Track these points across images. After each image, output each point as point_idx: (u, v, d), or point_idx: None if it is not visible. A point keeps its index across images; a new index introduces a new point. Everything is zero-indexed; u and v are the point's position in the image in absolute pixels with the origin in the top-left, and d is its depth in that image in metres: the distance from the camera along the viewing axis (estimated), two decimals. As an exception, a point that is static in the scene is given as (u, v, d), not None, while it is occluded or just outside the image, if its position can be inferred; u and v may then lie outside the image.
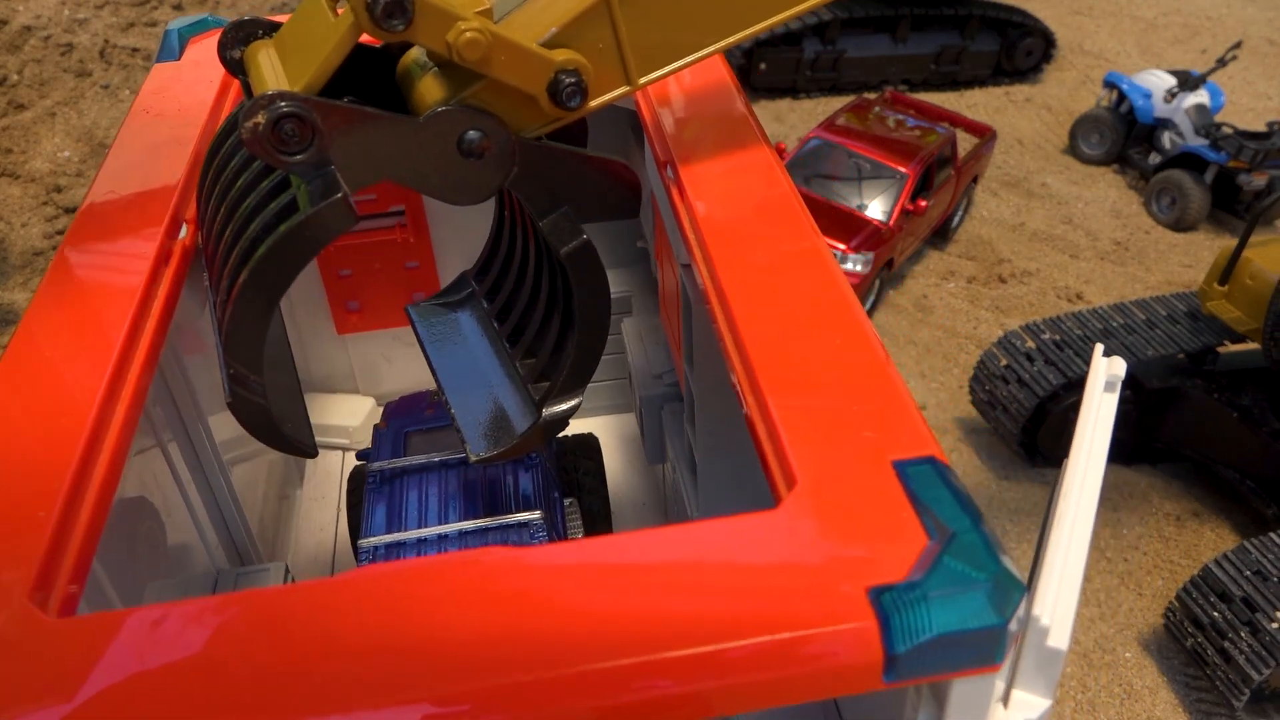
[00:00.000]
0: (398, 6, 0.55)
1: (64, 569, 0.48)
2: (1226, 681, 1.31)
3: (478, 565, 0.46)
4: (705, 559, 0.47)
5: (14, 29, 2.41)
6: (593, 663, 0.42)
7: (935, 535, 0.47)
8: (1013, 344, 1.73)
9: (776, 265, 0.65)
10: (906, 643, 0.43)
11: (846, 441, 0.52)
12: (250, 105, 0.55)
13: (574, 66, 0.63)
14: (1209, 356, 1.71)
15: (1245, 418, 1.60)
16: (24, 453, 0.52)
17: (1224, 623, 1.33)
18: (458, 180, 0.65)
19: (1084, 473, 0.53)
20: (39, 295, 0.64)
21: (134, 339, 0.60)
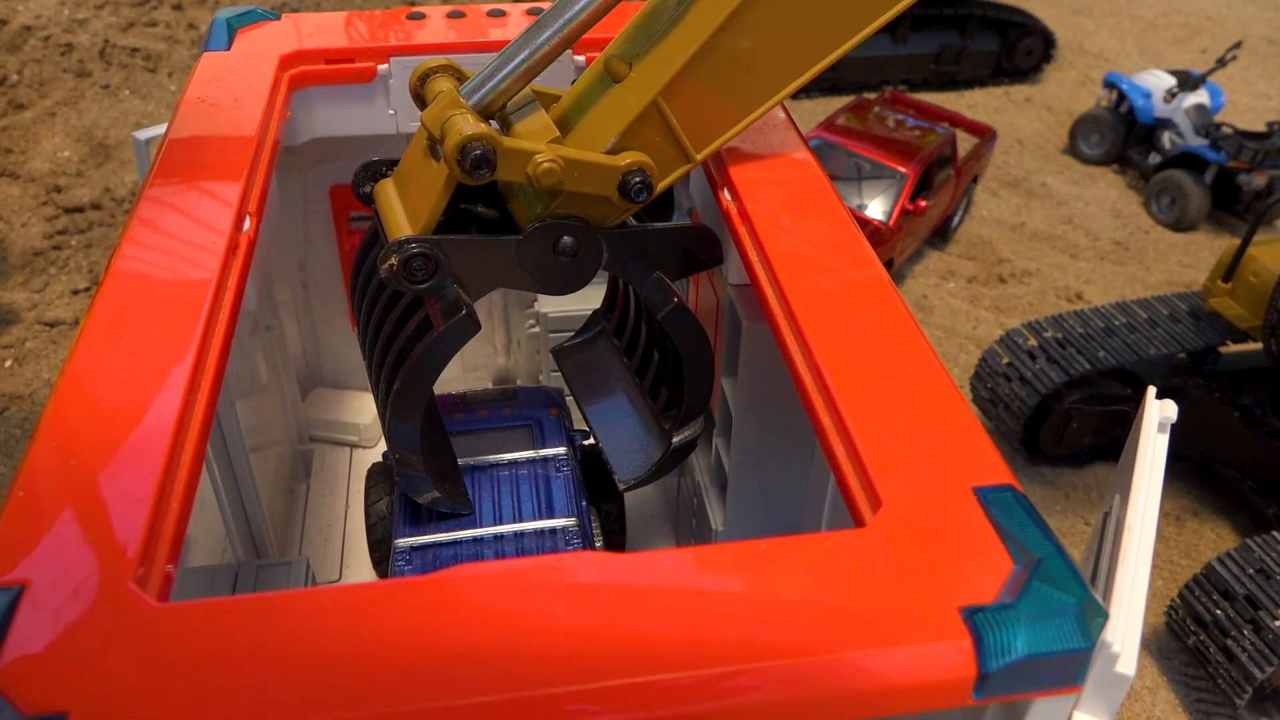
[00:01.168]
0: (483, 160, 0.65)
1: (161, 550, 0.48)
2: (1229, 680, 1.32)
3: (563, 569, 0.48)
4: (801, 572, 0.48)
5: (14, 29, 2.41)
6: (698, 669, 0.44)
7: (1020, 560, 0.49)
8: (1015, 341, 1.73)
9: (843, 291, 0.67)
10: (998, 661, 0.45)
11: (926, 467, 0.54)
12: (384, 250, 0.69)
13: (638, 166, 0.71)
14: (1210, 356, 1.71)
15: (1246, 417, 1.60)
16: (116, 437, 0.53)
17: (1226, 621, 1.33)
18: (558, 277, 0.76)
19: (1143, 511, 0.56)
20: (110, 277, 0.65)
21: (211, 328, 0.62)
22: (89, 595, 0.45)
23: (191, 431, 0.55)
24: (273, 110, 0.86)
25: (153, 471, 0.51)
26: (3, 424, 1.58)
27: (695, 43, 0.69)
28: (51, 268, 1.90)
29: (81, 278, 1.88)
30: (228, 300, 0.65)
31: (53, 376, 1.68)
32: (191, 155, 0.78)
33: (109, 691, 0.41)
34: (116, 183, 2.11)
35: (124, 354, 0.59)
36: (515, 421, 0.97)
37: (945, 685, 0.46)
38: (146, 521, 0.48)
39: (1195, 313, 1.76)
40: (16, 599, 0.44)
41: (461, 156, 0.65)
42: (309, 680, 0.42)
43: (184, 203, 0.72)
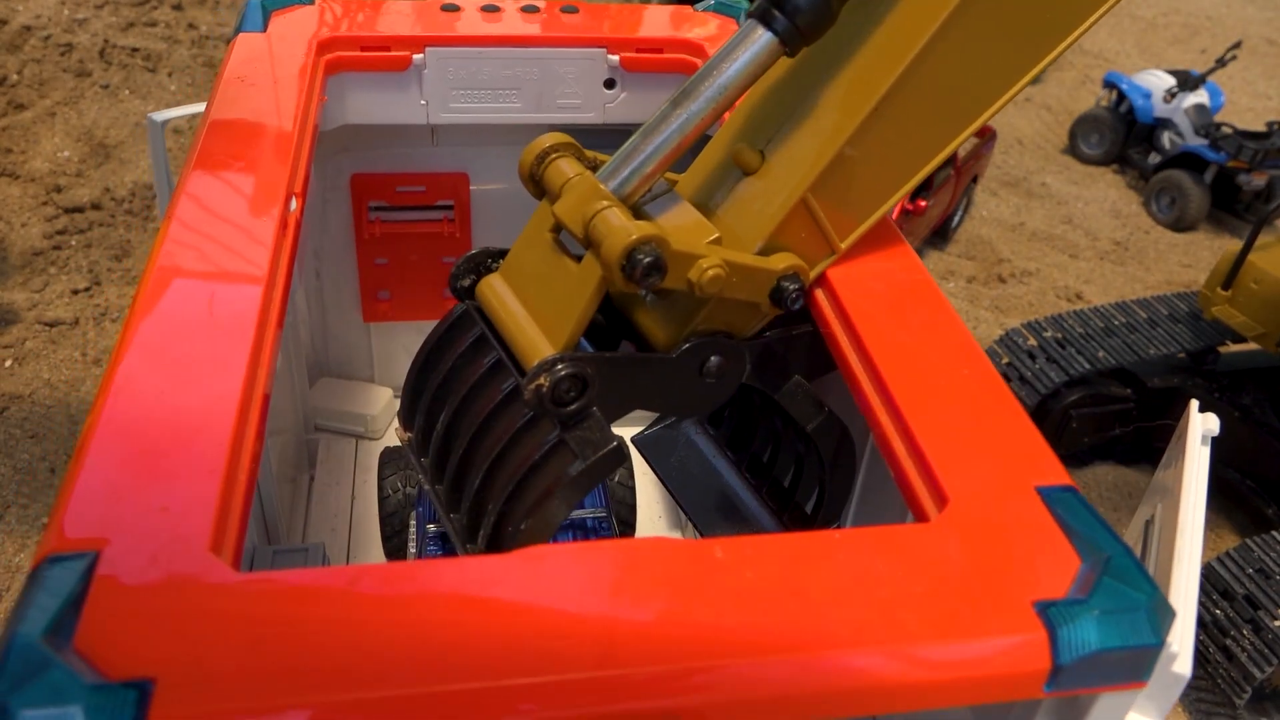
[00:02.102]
0: (655, 266, 0.56)
1: (234, 520, 0.48)
2: (1228, 679, 1.31)
3: (642, 552, 0.48)
4: (877, 561, 0.49)
5: (14, 29, 2.41)
6: (784, 655, 0.44)
7: (1088, 558, 0.50)
8: (1014, 341, 1.73)
9: (893, 294, 0.67)
10: (1071, 655, 0.46)
11: (988, 466, 0.55)
12: (534, 370, 0.59)
13: (794, 270, 0.64)
14: (1210, 356, 1.71)
15: (1246, 417, 1.60)
16: (183, 409, 0.53)
17: (1226, 620, 1.33)
18: (699, 398, 0.69)
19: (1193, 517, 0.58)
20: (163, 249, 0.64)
21: (268, 303, 0.61)
22: (167, 563, 0.44)
23: (255, 405, 0.55)
24: (311, 94, 0.86)
25: (221, 444, 0.51)
26: (3, 424, 1.58)
27: (844, 133, 0.62)
28: (51, 268, 1.90)
29: (81, 278, 1.88)
30: (280, 278, 0.65)
31: (53, 376, 1.68)
32: (235, 134, 0.78)
33: (195, 659, 0.41)
34: (116, 183, 2.11)
35: (184, 328, 0.58)
36: None
37: (1019, 677, 0.46)
38: (220, 492, 0.48)
39: (1195, 313, 1.76)
40: (93, 565, 0.44)
41: (628, 263, 0.56)
42: (392, 651, 0.42)
43: (232, 181, 0.72)
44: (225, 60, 0.90)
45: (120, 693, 0.39)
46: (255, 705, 0.40)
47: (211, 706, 0.40)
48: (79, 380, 1.68)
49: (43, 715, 0.38)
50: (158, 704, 0.39)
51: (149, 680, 0.40)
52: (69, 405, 1.63)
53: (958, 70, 0.63)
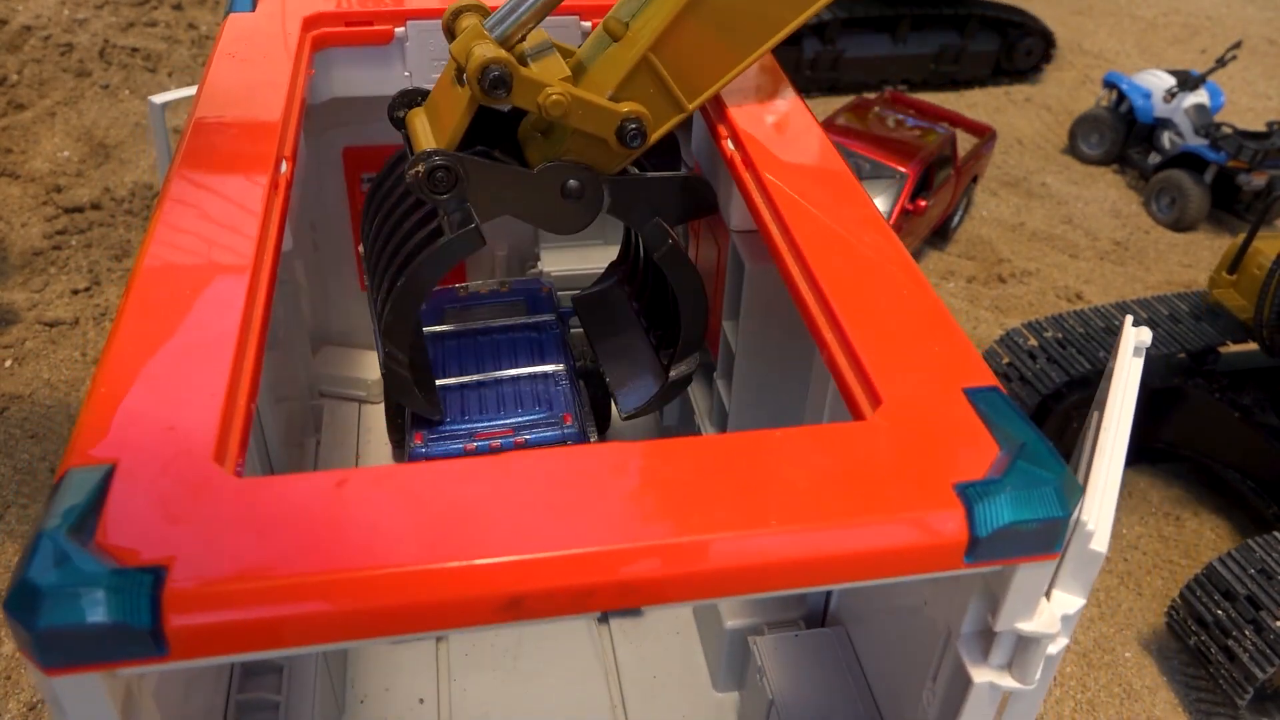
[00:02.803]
0: (500, 81, 0.73)
1: (234, 435, 0.55)
2: (1230, 680, 1.31)
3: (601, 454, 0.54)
4: (811, 454, 0.55)
5: (14, 29, 2.41)
6: (721, 531, 0.50)
7: (1006, 446, 0.55)
8: (1015, 342, 1.73)
9: (840, 225, 0.75)
10: (987, 527, 0.52)
11: (921, 372, 0.61)
12: (414, 158, 0.77)
13: (635, 115, 0.80)
14: (1210, 356, 1.71)
15: (1246, 417, 1.60)
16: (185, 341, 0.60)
17: (1228, 621, 1.33)
18: (564, 216, 0.84)
19: (1119, 417, 0.63)
20: (162, 214, 0.71)
21: (261, 251, 0.68)
22: (175, 472, 0.51)
23: (253, 335, 0.62)
24: (299, 67, 0.92)
25: (222, 371, 0.57)
26: (3, 424, 1.58)
27: (680, 3, 0.77)
28: (51, 268, 1.90)
29: (81, 278, 1.88)
30: (273, 230, 0.71)
31: (53, 376, 1.68)
32: (228, 107, 0.84)
33: (202, 548, 0.47)
34: (116, 183, 2.11)
35: (184, 275, 0.65)
36: (511, 298, 1.11)
37: (941, 549, 0.52)
38: (221, 411, 0.55)
39: (1195, 313, 1.76)
40: (110, 475, 0.50)
41: (482, 76, 0.72)
42: (375, 540, 0.48)
43: (226, 146, 0.79)
44: (216, 41, 0.94)
45: (138, 576, 0.45)
46: (257, 585, 0.46)
47: (218, 587, 0.45)
48: (79, 380, 1.68)
49: (69, 597, 0.44)
50: (171, 584, 0.45)
51: (163, 566, 0.45)
52: (69, 405, 1.63)
53: None
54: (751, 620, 0.95)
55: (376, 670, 1.03)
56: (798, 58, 2.81)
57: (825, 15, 2.76)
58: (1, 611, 0.44)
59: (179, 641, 0.45)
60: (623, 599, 0.49)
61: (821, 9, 0.84)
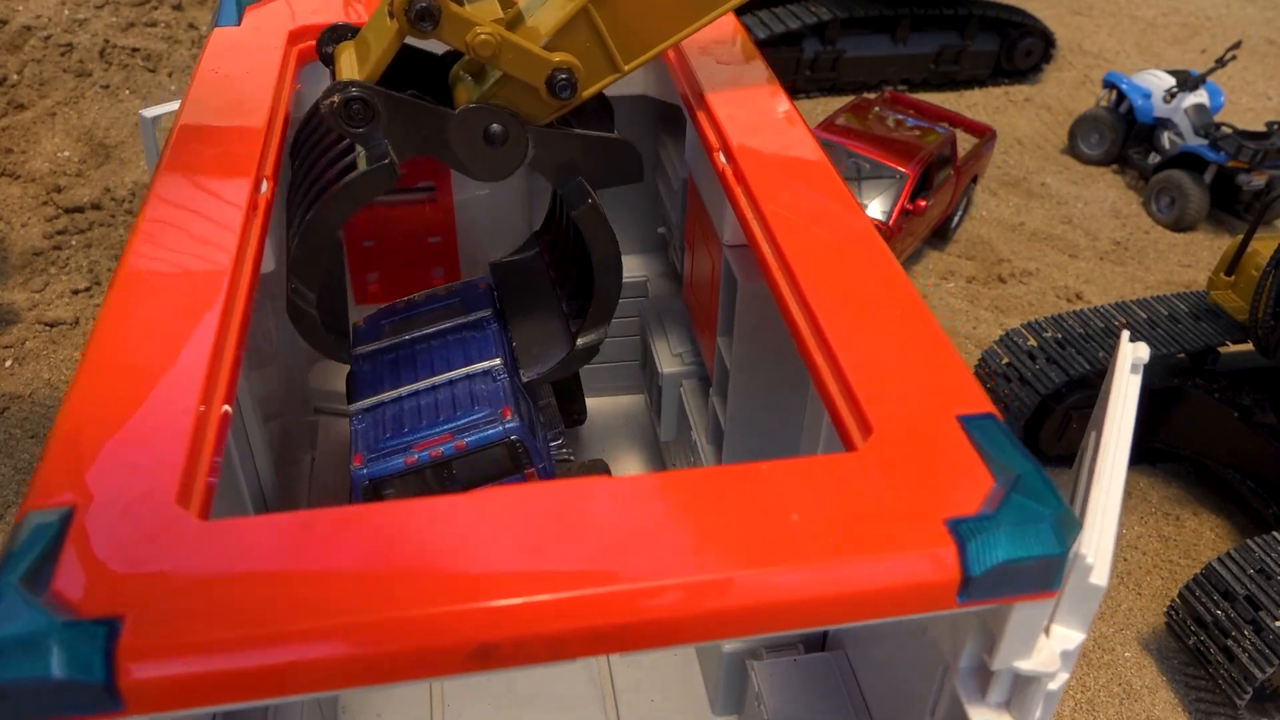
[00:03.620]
0: (427, 13, 0.72)
1: (200, 475, 0.53)
2: (1229, 680, 1.31)
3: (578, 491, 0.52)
4: (798, 488, 0.53)
5: (14, 29, 2.41)
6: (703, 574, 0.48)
7: (1001, 478, 0.53)
8: (1014, 342, 1.73)
9: (834, 242, 0.73)
10: (980, 566, 0.49)
11: (914, 398, 0.59)
12: (329, 88, 0.75)
13: (567, 65, 0.78)
14: (1209, 357, 1.71)
15: (1246, 418, 1.60)
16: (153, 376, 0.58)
17: (1227, 621, 1.33)
18: (485, 161, 0.82)
19: (1117, 440, 0.60)
20: (140, 232, 0.69)
21: (237, 279, 0.66)
22: (136, 514, 0.49)
23: (224, 370, 0.60)
24: (283, 82, 0.90)
25: (189, 408, 0.55)
26: (3, 424, 1.58)
27: None
28: (51, 268, 1.90)
29: (81, 278, 1.88)
30: (250, 255, 0.70)
31: (53, 376, 1.68)
32: (209, 122, 0.82)
33: (159, 597, 0.45)
34: (116, 183, 2.11)
35: (157, 302, 0.63)
36: (449, 300, 1.08)
37: (933, 588, 0.50)
38: (186, 449, 0.53)
39: (1195, 313, 1.76)
40: (68, 518, 0.48)
41: (409, 7, 0.71)
42: (339, 588, 0.46)
43: (205, 165, 0.77)
44: (200, 56, 0.93)
45: (91, 628, 0.43)
46: (216, 636, 0.44)
47: (175, 639, 0.44)
48: (79, 380, 1.68)
49: (20, 650, 0.42)
50: (125, 638, 0.43)
51: (118, 618, 0.44)
52: (69, 405, 1.63)
53: None
54: (750, 643, 0.93)
55: (369, 698, 1.02)
56: (798, 58, 2.81)
57: (825, 15, 2.76)
58: None
59: (134, 696, 0.43)
60: (598, 646, 0.47)
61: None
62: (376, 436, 0.93)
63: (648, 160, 1.25)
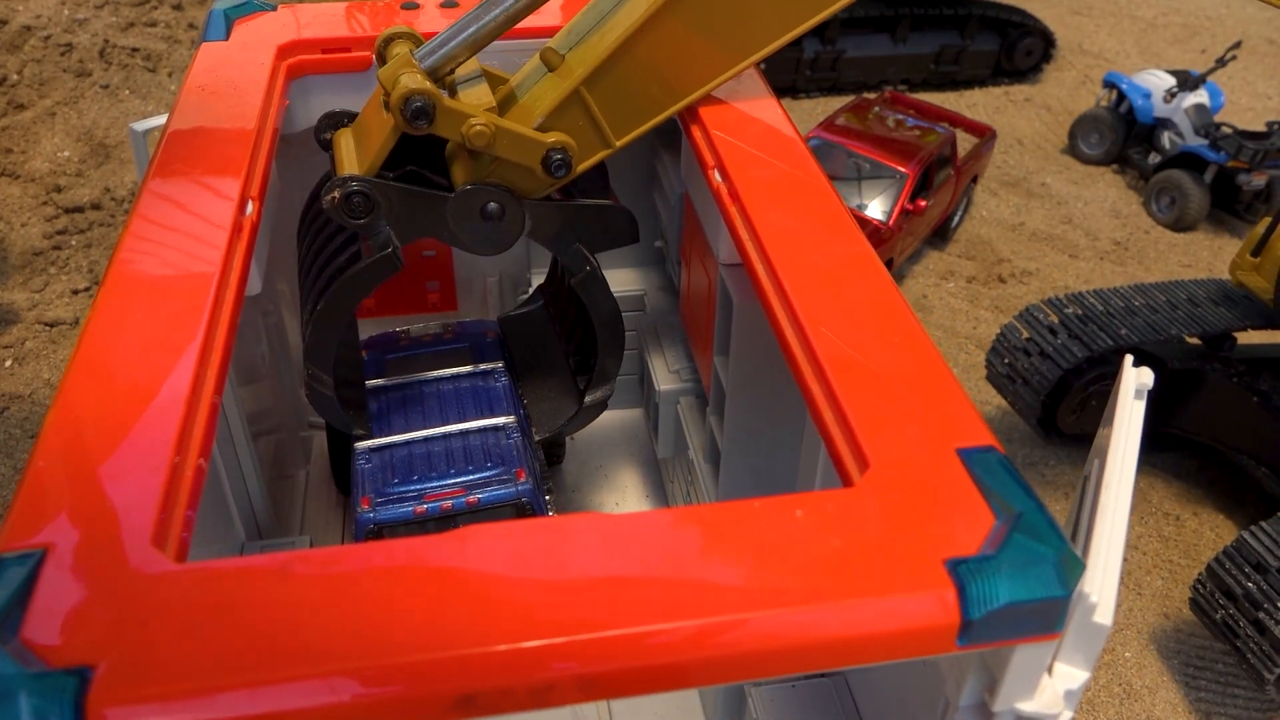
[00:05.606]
0: (422, 111, 0.73)
1: (177, 516, 0.51)
2: (1259, 653, 1.30)
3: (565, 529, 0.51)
4: (791, 527, 0.51)
5: (14, 29, 2.41)
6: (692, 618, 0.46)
7: (1002, 516, 0.51)
8: (1035, 317, 1.71)
9: (830, 266, 0.70)
10: (981, 609, 0.48)
11: (912, 430, 0.57)
12: (330, 184, 0.78)
13: (561, 145, 0.79)
14: (1227, 342, 1.71)
15: (1264, 403, 1.60)
16: (131, 411, 0.56)
17: (1259, 594, 1.31)
18: (483, 238, 0.84)
19: (1120, 471, 0.58)
20: (119, 258, 0.67)
21: (219, 305, 0.65)
22: (110, 557, 0.47)
23: (204, 403, 0.58)
24: (271, 98, 0.88)
25: (166, 442, 0.53)
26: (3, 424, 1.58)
27: (616, 41, 0.78)
28: (51, 268, 1.90)
29: (81, 278, 1.88)
30: (234, 280, 0.68)
31: (53, 376, 1.68)
32: (194, 142, 0.80)
33: (132, 645, 0.43)
34: (116, 183, 2.11)
35: (135, 332, 0.61)
36: (456, 344, 1.07)
37: (931, 632, 0.48)
38: (163, 488, 0.51)
39: (1214, 298, 1.75)
40: (40, 562, 0.46)
41: (404, 105, 0.73)
42: (319, 634, 0.44)
43: (188, 187, 0.75)
44: (187, 72, 0.91)
45: (60, 679, 0.41)
46: (190, 687, 0.42)
47: (147, 690, 0.42)
48: (79, 380, 1.68)
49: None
50: (96, 689, 0.41)
51: (88, 667, 0.42)
52: (69, 405, 1.63)
53: (718, 10, 0.80)
54: None
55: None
56: (798, 58, 2.81)
57: (825, 15, 2.76)
58: None
59: None
60: (585, 693, 0.46)
61: (748, 68, 0.85)
62: (385, 479, 0.91)
63: (645, 174, 1.23)
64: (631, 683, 0.46)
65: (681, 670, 0.47)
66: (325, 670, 0.43)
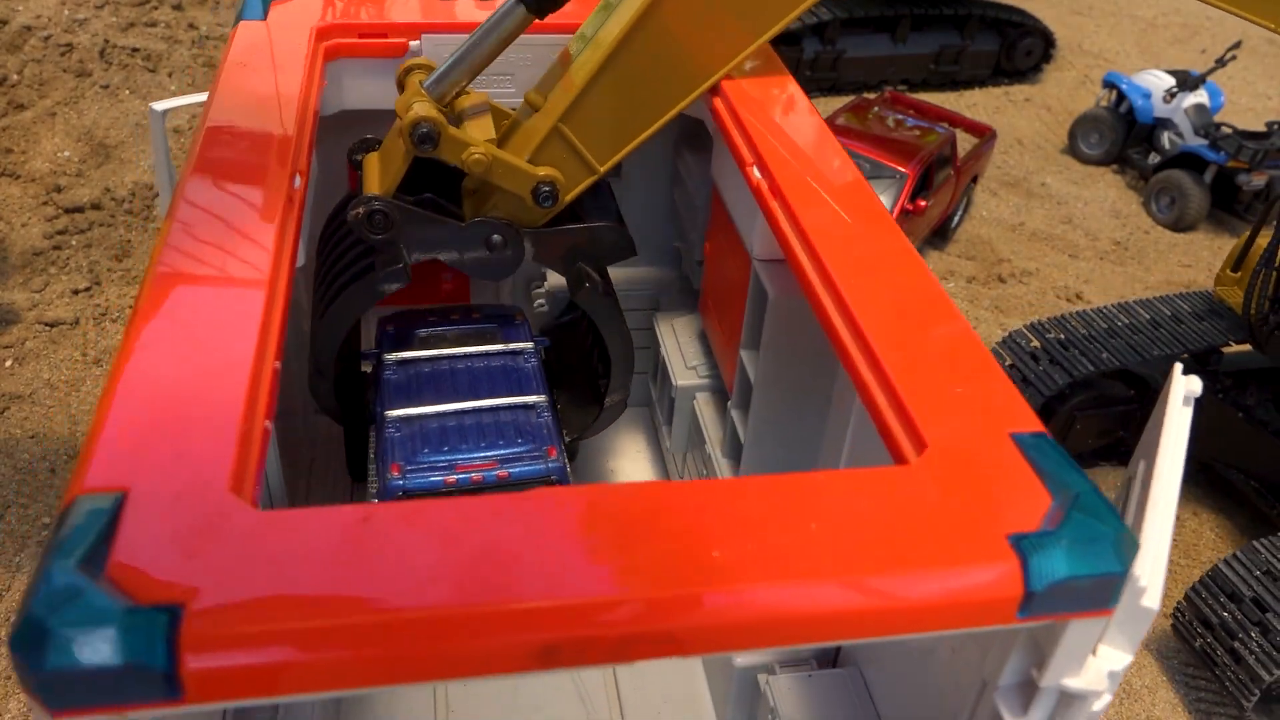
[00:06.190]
0: (428, 136, 0.82)
1: (251, 464, 0.53)
2: (1236, 683, 1.31)
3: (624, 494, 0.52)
4: (856, 499, 0.52)
5: (14, 29, 2.41)
6: (761, 581, 0.48)
7: (1059, 496, 0.53)
8: (1017, 343, 1.72)
9: (873, 258, 0.72)
10: (1042, 582, 0.49)
11: (965, 415, 0.58)
12: (355, 201, 0.86)
13: (549, 179, 0.88)
14: (1213, 357, 1.71)
15: (1249, 418, 1.59)
16: (200, 363, 0.57)
17: (1234, 623, 1.32)
18: (488, 265, 0.93)
19: (1170, 467, 0.61)
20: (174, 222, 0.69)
21: (277, 269, 0.66)
22: (191, 502, 0.48)
23: (268, 355, 0.60)
24: (311, 78, 0.91)
25: (236, 400, 0.55)
26: (3, 424, 1.58)
27: (584, 79, 0.86)
28: (51, 268, 1.90)
29: (81, 278, 1.88)
30: (288, 250, 0.70)
31: (53, 376, 1.68)
32: (240, 116, 0.82)
33: (219, 586, 0.44)
34: (116, 183, 2.11)
35: (198, 290, 0.63)
36: (485, 324, 1.09)
37: (995, 604, 0.50)
38: (237, 440, 0.52)
39: (1198, 313, 1.75)
40: (120, 504, 0.47)
41: (412, 131, 0.81)
42: (396, 581, 0.45)
43: (238, 157, 0.77)
44: (227, 47, 0.93)
45: (153, 614, 0.42)
46: (277, 626, 0.43)
47: (236, 628, 0.43)
48: (79, 380, 1.68)
49: (80, 635, 0.41)
50: (187, 626, 0.42)
51: (179, 604, 0.43)
52: (69, 405, 1.63)
53: (676, 38, 0.87)
54: (763, 659, 0.92)
55: (373, 702, 1.01)
56: (798, 58, 2.81)
57: (824, 15, 2.76)
58: None
59: (194, 685, 0.42)
60: (662, 648, 0.47)
61: (713, 84, 0.93)
62: (415, 449, 0.92)
63: (666, 176, 1.28)
64: (714, 639, 0.48)
65: (754, 629, 0.48)
66: (412, 616, 0.44)
